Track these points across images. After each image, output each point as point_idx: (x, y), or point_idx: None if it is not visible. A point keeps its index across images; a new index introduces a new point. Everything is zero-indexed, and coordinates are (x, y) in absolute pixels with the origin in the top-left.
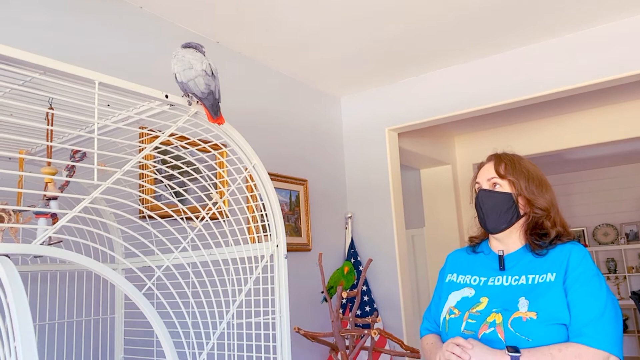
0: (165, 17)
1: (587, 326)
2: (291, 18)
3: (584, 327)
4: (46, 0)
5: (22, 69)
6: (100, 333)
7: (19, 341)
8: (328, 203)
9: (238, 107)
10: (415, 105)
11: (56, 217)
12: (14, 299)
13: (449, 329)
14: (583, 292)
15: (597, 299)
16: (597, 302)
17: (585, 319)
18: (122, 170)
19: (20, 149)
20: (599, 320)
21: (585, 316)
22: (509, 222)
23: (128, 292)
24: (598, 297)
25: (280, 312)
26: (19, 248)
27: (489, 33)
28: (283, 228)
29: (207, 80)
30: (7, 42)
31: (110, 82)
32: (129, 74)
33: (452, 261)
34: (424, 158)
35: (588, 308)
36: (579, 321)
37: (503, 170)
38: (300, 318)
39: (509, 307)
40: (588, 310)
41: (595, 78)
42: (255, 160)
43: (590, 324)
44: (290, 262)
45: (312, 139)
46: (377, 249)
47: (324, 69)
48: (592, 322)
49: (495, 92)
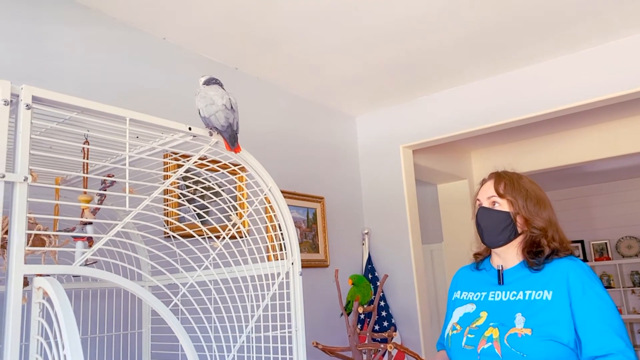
0: (187, 46)
1: (613, 344)
2: (305, 40)
3: (611, 345)
4: (76, 35)
5: (61, 109)
6: (129, 347)
7: (67, 349)
8: (345, 220)
9: (256, 129)
10: (429, 122)
11: (91, 240)
12: (62, 313)
13: (451, 344)
14: (595, 311)
15: (609, 315)
16: (611, 317)
17: (608, 337)
18: (151, 197)
19: (56, 177)
20: (620, 336)
21: (607, 335)
22: (506, 239)
23: (156, 308)
24: (609, 312)
25: (296, 326)
26: (62, 269)
27: (503, 50)
28: (297, 247)
29: (226, 114)
30: (42, 75)
31: (139, 117)
32: (155, 102)
33: (458, 279)
34: (440, 173)
35: (606, 326)
36: (602, 340)
37: (502, 190)
38: (318, 333)
39: (506, 323)
40: (607, 328)
41: (614, 92)
42: (271, 184)
43: (615, 340)
44: (308, 278)
45: (328, 157)
46: (394, 264)
47: (338, 88)
48: (616, 337)
49: (510, 108)
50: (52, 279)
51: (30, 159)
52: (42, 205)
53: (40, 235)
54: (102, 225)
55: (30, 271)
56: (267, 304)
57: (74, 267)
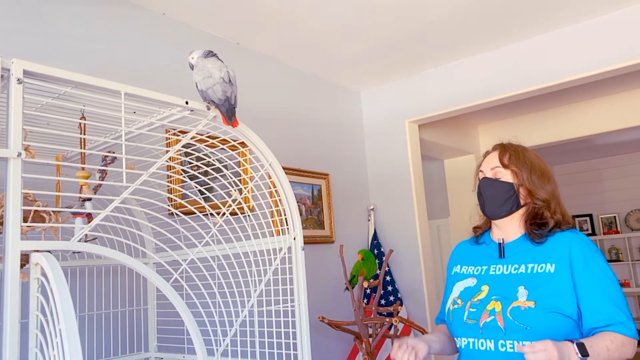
0: (187, 21)
1: (614, 315)
2: (308, 15)
3: (611, 316)
4: (76, 12)
5: (54, 84)
6: (135, 323)
7: (62, 324)
8: (350, 196)
9: (260, 105)
10: (435, 96)
11: (91, 217)
12: (57, 287)
13: (453, 318)
14: (596, 283)
15: (610, 287)
16: (612, 290)
17: (608, 309)
18: (147, 173)
19: (57, 155)
20: (621, 308)
21: (607, 307)
22: (508, 211)
23: (157, 284)
24: (610, 285)
25: (299, 301)
26: (59, 245)
27: (508, 21)
28: (299, 222)
29: (224, 88)
30: (41, 54)
31: (134, 92)
32: (156, 79)
33: (457, 254)
34: (447, 148)
35: (607, 298)
36: (603, 311)
37: (507, 160)
38: (324, 308)
39: (508, 296)
40: (607, 300)
41: (623, 62)
42: (271, 159)
43: (615, 312)
44: (314, 254)
45: (333, 133)
46: (400, 240)
47: (343, 64)
48: (616, 310)
49: (517, 80)
50: (47, 255)
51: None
52: (43, 182)
53: (40, 212)
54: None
55: (27, 247)
56: (269, 279)
57: (72, 243)
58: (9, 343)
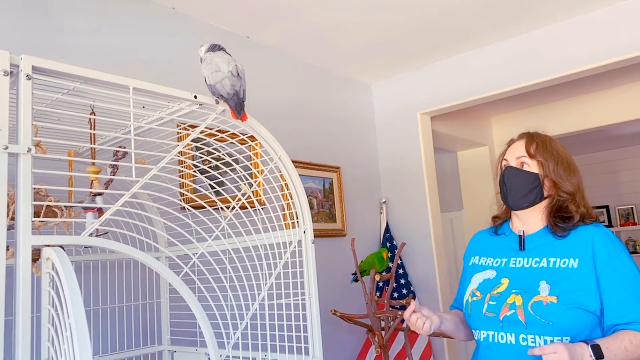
0: (197, 15)
1: (636, 312)
2: (318, 8)
3: (633, 313)
4: (83, 7)
5: (63, 79)
6: (148, 316)
7: (72, 318)
8: (362, 189)
9: (270, 99)
10: (447, 87)
11: (102, 211)
12: (66, 281)
13: (471, 311)
14: (619, 280)
15: (633, 283)
16: (636, 286)
17: (631, 306)
18: (157, 167)
19: (69, 150)
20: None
21: (630, 303)
22: (531, 202)
23: (168, 277)
24: (633, 281)
25: (310, 293)
26: (70, 239)
27: (521, 10)
28: (309, 215)
29: (232, 82)
30: (49, 50)
31: (142, 86)
32: (166, 73)
33: (475, 244)
34: (460, 140)
35: (629, 295)
36: (625, 308)
37: (534, 150)
38: (336, 301)
39: (529, 290)
40: (630, 296)
41: (639, 51)
42: (281, 152)
43: (638, 309)
44: (325, 247)
45: (344, 126)
46: (412, 233)
47: (353, 57)
48: (638, 306)
49: (531, 70)
50: (58, 249)
51: (39, 131)
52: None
53: (52, 207)
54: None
55: (38, 242)
56: (280, 272)
57: (82, 237)
58: (21, 337)
